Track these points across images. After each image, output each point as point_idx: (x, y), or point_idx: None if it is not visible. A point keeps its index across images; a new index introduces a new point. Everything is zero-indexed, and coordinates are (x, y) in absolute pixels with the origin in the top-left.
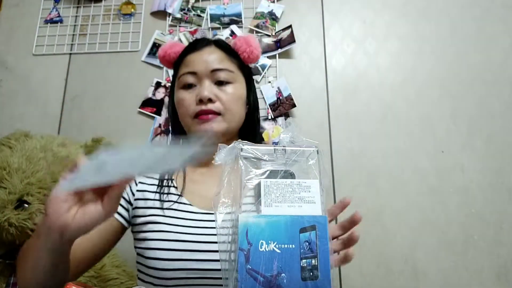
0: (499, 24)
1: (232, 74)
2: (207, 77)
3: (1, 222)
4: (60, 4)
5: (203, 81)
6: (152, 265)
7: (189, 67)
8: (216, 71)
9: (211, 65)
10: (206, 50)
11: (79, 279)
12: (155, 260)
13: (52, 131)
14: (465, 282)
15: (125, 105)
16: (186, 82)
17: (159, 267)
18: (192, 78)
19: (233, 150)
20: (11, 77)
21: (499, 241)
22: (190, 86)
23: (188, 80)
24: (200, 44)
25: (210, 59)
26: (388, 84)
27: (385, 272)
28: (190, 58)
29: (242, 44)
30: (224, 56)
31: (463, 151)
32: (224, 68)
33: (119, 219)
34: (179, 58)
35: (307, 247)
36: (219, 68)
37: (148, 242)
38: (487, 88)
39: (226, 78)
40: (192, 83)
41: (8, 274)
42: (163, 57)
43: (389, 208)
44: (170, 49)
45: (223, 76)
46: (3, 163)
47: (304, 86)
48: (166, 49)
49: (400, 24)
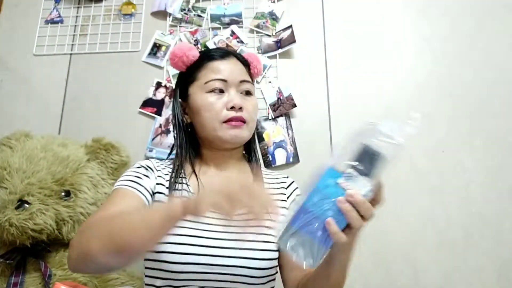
0: (499, 24)
1: (253, 87)
2: (235, 86)
3: (1, 222)
4: (60, 4)
5: (230, 89)
6: (163, 259)
7: (219, 74)
8: (243, 82)
9: (239, 76)
10: (231, 61)
11: (71, 280)
12: (167, 254)
13: (52, 131)
14: (465, 282)
15: (126, 105)
16: (216, 88)
17: (171, 260)
18: (221, 84)
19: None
20: (12, 77)
21: (500, 240)
22: (220, 91)
23: (217, 86)
24: (223, 53)
25: (237, 70)
26: (388, 84)
27: (385, 272)
28: (217, 65)
29: (253, 60)
30: (245, 69)
31: (463, 151)
32: (249, 80)
33: (145, 200)
34: (198, 62)
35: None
36: (246, 79)
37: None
38: (487, 88)
39: (250, 89)
40: (222, 89)
41: (9, 274)
42: (180, 57)
43: (389, 208)
44: (190, 51)
45: (248, 87)
46: (4, 163)
47: (304, 86)
48: (185, 50)
49: (401, 23)
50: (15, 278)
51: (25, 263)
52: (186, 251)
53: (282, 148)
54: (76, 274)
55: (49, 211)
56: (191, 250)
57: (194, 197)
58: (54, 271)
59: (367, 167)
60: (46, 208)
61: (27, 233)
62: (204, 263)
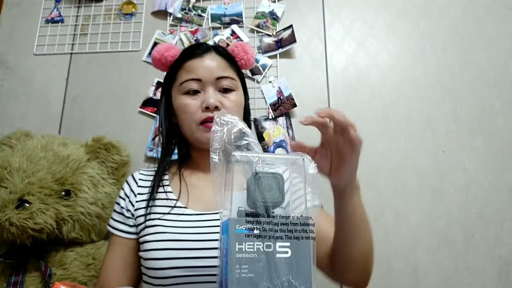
0: (500, 24)
1: (234, 82)
2: (211, 84)
3: (2, 222)
4: (61, 4)
5: (207, 88)
6: (149, 266)
7: (193, 73)
8: (221, 78)
9: (216, 72)
10: (207, 57)
11: (71, 280)
12: (152, 261)
13: (53, 130)
14: (466, 282)
15: (126, 104)
16: (190, 89)
17: (156, 266)
18: (196, 84)
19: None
20: (12, 76)
21: (500, 241)
22: (194, 92)
23: (192, 87)
24: (200, 50)
25: (214, 67)
26: (389, 84)
27: (385, 272)
28: (193, 64)
29: (240, 51)
30: (226, 63)
31: (464, 151)
32: (228, 76)
33: (131, 237)
34: (176, 63)
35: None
36: (224, 76)
37: (145, 244)
38: (488, 88)
39: (230, 85)
40: (196, 90)
41: (9, 274)
42: (159, 60)
43: (389, 208)
44: (167, 52)
45: (227, 83)
46: (4, 162)
47: (305, 86)
48: (162, 52)
49: (401, 24)
50: (15, 278)
51: (25, 262)
52: (169, 255)
53: (282, 148)
54: (76, 274)
55: (49, 210)
56: (174, 254)
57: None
58: (54, 270)
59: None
60: (46, 207)
61: (27, 232)
62: (188, 266)
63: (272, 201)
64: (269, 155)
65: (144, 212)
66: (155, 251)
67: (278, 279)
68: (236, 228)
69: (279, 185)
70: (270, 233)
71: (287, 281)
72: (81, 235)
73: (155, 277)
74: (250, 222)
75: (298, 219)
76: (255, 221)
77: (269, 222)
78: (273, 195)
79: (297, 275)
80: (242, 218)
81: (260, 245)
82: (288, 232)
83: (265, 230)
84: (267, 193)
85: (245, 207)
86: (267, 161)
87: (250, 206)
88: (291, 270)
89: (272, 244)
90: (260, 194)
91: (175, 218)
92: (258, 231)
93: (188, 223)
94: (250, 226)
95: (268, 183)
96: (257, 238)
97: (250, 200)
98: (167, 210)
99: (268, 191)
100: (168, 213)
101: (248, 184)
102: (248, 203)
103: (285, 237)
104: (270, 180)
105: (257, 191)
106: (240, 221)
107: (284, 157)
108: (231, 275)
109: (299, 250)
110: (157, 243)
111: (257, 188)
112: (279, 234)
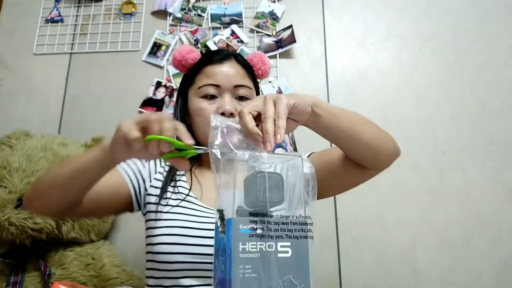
0: (500, 24)
1: (251, 91)
2: (229, 91)
3: (1, 221)
4: (60, 4)
5: (224, 94)
6: (157, 250)
7: (212, 79)
8: (238, 87)
9: (234, 80)
10: (227, 64)
11: (70, 279)
12: (161, 245)
13: (52, 130)
14: (465, 282)
15: (126, 104)
16: (208, 93)
17: (164, 251)
18: (214, 90)
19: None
20: (12, 76)
21: (499, 241)
22: (211, 97)
23: (210, 91)
24: (220, 56)
25: (233, 74)
26: (388, 84)
27: (385, 272)
28: (212, 70)
29: (258, 61)
30: (244, 72)
31: (464, 151)
32: (245, 85)
33: (129, 187)
34: (196, 66)
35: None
36: (242, 84)
37: (155, 229)
38: (487, 88)
39: (246, 94)
40: (213, 95)
41: (8, 273)
42: (179, 61)
43: (389, 208)
44: (188, 55)
45: (243, 92)
46: (4, 162)
47: (304, 86)
48: (184, 54)
49: (401, 24)
50: (15, 277)
51: (24, 262)
52: (177, 241)
53: (282, 148)
54: (75, 274)
55: None
56: (181, 240)
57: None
58: (54, 270)
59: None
60: None
61: (26, 232)
62: (195, 253)
63: (272, 200)
64: (268, 154)
65: (155, 199)
66: (163, 236)
67: (280, 278)
68: (239, 228)
69: (278, 185)
70: (272, 233)
71: (288, 280)
72: (81, 235)
73: (162, 262)
74: (253, 222)
75: (297, 218)
76: (259, 221)
77: (271, 222)
78: (273, 195)
79: (297, 274)
80: (246, 217)
81: (263, 245)
82: (288, 232)
83: (267, 230)
84: (267, 193)
85: (243, 206)
86: (266, 160)
87: (248, 205)
88: (291, 269)
89: (273, 244)
90: (261, 193)
91: (188, 206)
92: (261, 231)
93: (200, 212)
94: (254, 226)
95: (268, 182)
96: (260, 238)
97: (248, 199)
98: (182, 197)
99: (268, 191)
100: (183, 200)
101: (246, 183)
102: (246, 202)
103: (286, 237)
104: (269, 180)
105: (257, 191)
106: (244, 221)
107: (282, 156)
108: (235, 276)
109: (298, 250)
110: (165, 229)
111: (257, 187)
112: (279, 233)
